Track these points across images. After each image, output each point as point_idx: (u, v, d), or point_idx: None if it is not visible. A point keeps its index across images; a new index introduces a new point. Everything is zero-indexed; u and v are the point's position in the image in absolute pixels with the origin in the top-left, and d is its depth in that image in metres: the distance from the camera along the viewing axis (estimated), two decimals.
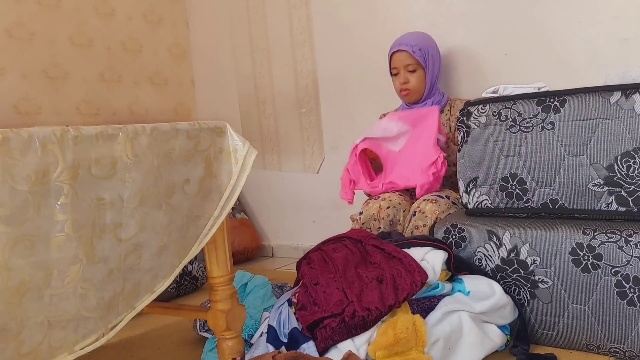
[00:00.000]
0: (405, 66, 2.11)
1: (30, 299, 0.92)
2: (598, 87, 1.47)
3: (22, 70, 2.50)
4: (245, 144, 1.28)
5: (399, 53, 2.11)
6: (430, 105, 2.12)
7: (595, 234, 1.42)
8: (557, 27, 2.13)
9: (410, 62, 2.10)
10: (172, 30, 3.18)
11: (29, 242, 0.90)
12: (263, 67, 3.00)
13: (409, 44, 2.10)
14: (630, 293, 1.37)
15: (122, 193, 1.04)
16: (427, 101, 2.15)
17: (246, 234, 2.99)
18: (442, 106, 2.16)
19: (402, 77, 2.12)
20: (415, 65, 2.10)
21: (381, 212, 1.89)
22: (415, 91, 2.13)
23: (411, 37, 2.13)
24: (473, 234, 1.61)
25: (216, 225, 1.26)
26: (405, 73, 2.12)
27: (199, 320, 1.74)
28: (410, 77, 2.12)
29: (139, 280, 1.12)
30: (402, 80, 2.13)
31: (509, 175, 1.59)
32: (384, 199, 1.92)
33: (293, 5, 2.83)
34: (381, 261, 1.47)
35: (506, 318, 1.50)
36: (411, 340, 1.31)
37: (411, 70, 2.11)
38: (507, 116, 1.58)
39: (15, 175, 0.87)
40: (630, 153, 1.41)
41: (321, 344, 1.35)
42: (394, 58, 2.14)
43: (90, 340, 1.03)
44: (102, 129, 1.01)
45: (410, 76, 2.12)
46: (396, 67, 2.14)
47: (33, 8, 2.54)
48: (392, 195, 1.94)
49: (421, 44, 2.11)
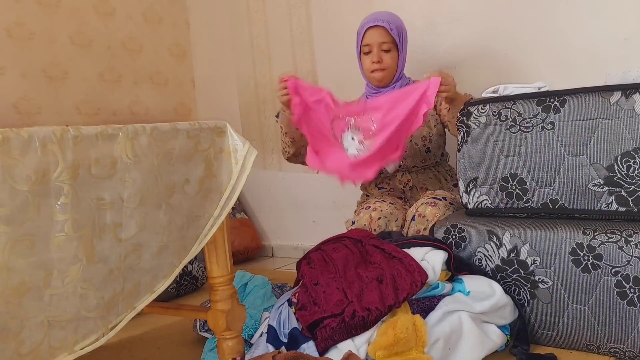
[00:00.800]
0: (379, 44, 1.95)
1: (30, 299, 0.92)
2: (598, 87, 1.47)
3: (22, 70, 2.50)
4: (246, 144, 1.28)
5: (375, 29, 1.94)
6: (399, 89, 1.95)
7: (595, 234, 1.42)
8: (557, 27, 2.13)
9: (386, 39, 1.95)
10: (172, 30, 3.18)
11: (29, 242, 0.90)
12: (263, 67, 3.00)
13: (385, 20, 1.94)
14: (630, 293, 1.37)
15: (122, 193, 1.04)
16: (396, 84, 2.02)
17: (246, 234, 2.99)
18: None
19: (376, 55, 1.95)
20: (391, 44, 1.95)
21: (372, 223, 1.85)
22: (388, 72, 1.98)
23: (385, 15, 1.98)
24: (473, 234, 1.61)
25: (216, 225, 1.26)
26: (378, 52, 1.96)
27: (199, 320, 1.74)
28: (384, 57, 1.96)
29: (139, 280, 1.12)
30: (375, 59, 1.96)
31: (509, 175, 1.59)
32: (374, 209, 1.88)
33: (293, 5, 2.83)
34: (381, 261, 1.47)
35: (506, 318, 1.50)
36: (411, 340, 1.31)
37: (386, 50, 1.96)
38: (507, 116, 1.58)
39: (15, 175, 0.87)
40: (630, 153, 1.41)
41: (321, 344, 1.35)
42: (368, 34, 1.96)
43: (90, 340, 1.03)
44: (102, 128, 1.01)
45: (384, 55, 1.96)
46: (369, 45, 1.96)
47: (33, 8, 2.53)
48: (382, 205, 1.89)
49: (396, 22, 1.97)
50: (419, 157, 2.03)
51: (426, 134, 2.03)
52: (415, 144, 2.02)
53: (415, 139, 2.01)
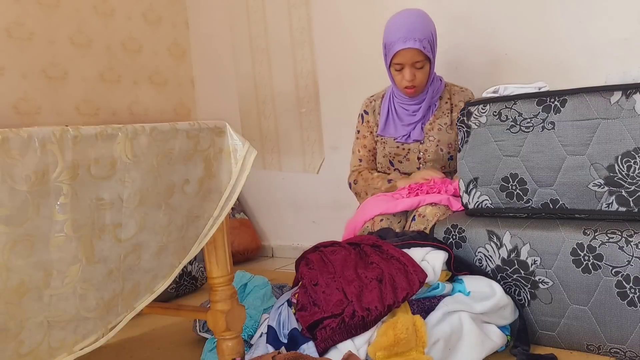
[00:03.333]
0: (413, 63, 1.91)
1: (30, 299, 0.92)
2: (598, 87, 1.47)
3: (21, 70, 2.50)
4: (245, 144, 1.28)
5: (407, 51, 1.88)
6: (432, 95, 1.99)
7: (595, 234, 1.41)
8: (557, 27, 2.13)
9: (419, 59, 1.90)
10: (171, 30, 3.18)
11: (29, 242, 0.90)
12: (263, 66, 2.99)
13: (416, 38, 1.87)
14: (630, 293, 1.37)
15: (122, 193, 1.04)
16: (429, 89, 2.00)
17: (246, 234, 2.98)
18: (441, 92, 2.04)
19: (409, 74, 1.92)
20: (424, 61, 1.92)
21: (375, 225, 1.85)
22: (420, 87, 1.97)
23: (416, 26, 1.89)
24: (473, 235, 1.61)
25: (216, 225, 1.25)
26: (412, 70, 1.92)
27: (199, 321, 1.74)
28: (417, 74, 1.93)
29: (139, 280, 1.12)
30: (408, 78, 1.92)
31: (509, 175, 1.59)
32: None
33: (293, 5, 2.83)
34: (379, 261, 1.47)
35: (506, 318, 1.50)
36: (411, 340, 1.31)
37: (419, 67, 1.92)
38: (508, 116, 1.58)
39: (14, 175, 0.87)
40: (631, 153, 1.40)
41: (321, 344, 1.35)
42: (401, 55, 1.90)
43: (89, 340, 1.03)
44: (101, 129, 1.01)
45: (417, 72, 1.93)
46: (401, 64, 1.92)
47: (33, 8, 2.53)
48: None
49: (426, 33, 1.91)
50: (440, 163, 2.02)
51: (452, 140, 2.01)
52: (440, 150, 2.01)
53: (441, 144, 2.00)
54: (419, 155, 2.02)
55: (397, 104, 2.07)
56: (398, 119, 2.06)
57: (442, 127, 2.01)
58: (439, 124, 2.02)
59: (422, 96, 2.02)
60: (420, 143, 2.02)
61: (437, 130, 2.01)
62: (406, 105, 2.05)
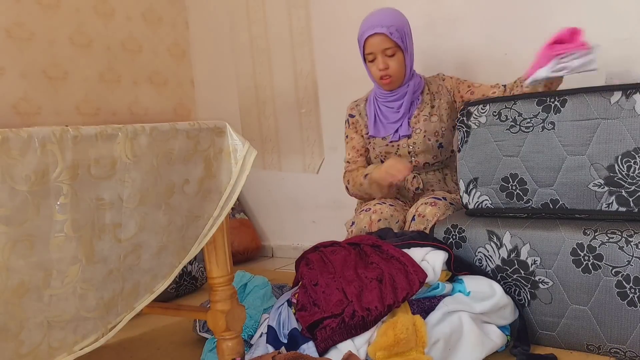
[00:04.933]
0: (382, 50, 1.92)
1: (30, 299, 0.92)
2: (598, 87, 1.47)
3: (21, 70, 2.50)
4: (245, 144, 1.28)
5: (374, 37, 1.91)
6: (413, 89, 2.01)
7: (595, 234, 1.41)
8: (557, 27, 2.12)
9: (388, 45, 1.91)
10: (171, 30, 3.18)
11: (29, 242, 0.90)
12: (263, 67, 2.99)
13: (383, 25, 1.90)
14: (630, 293, 1.37)
15: (122, 193, 1.04)
16: (410, 83, 2.01)
17: (246, 234, 2.98)
18: (422, 87, 2.05)
19: (381, 62, 1.93)
20: (394, 48, 1.92)
21: (372, 225, 1.85)
22: (396, 77, 1.96)
23: (384, 17, 1.93)
24: (473, 235, 1.61)
25: (216, 225, 1.25)
26: (383, 58, 1.93)
27: (199, 321, 1.74)
28: (390, 62, 1.93)
29: (139, 280, 1.12)
30: (381, 67, 1.93)
31: (509, 175, 1.59)
32: (374, 212, 1.87)
33: (293, 5, 2.83)
34: (379, 261, 1.47)
35: (506, 318, 1.50)
36: (411, 340, 1.31)
37: (390, 55, 1.93)
38: (508, 116, 1.58)
39: (14, 175, 0.87)
40: (631, 153, 1.40)
41: (321, 344, 1.35)
42: (369, 43, 1.93)
43: (89, 340, 1.03)
44: (101, 129, 1.01)
45: (389, 61, 1.93)
46: (372, 53, 1.94)
47: (33, 8, 2.53)
48: (382, 207, 1.88)
49: (396, 23, 1.92)
50: (431, 153, 2.03)
51: (439, 128, 2.02)
52: (428, 139, 2.01)
53: (428, 134, 2.01)
54: (409, 149, 2.02)
55: (381, 104, 2.08)
56: (384, 118, 2.07)
57: (426, 117, 2.02)
58: (423, 115, 2.02)
59: (403, 89, 2.02)
60: (408, 138, 2.02)
61: (422, 121, 2.02)
62: (389, 103, 2.05)
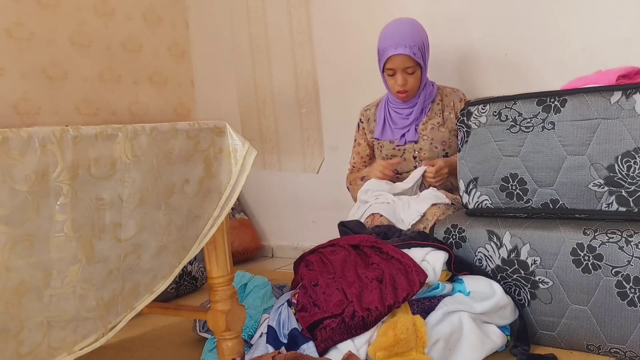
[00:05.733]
0: (404, 69, 2.00)
1: (30, 299, 0.92)
2: (598, 87, 1.47)
3: (21, 70, 2.50)
4: (245, 144, 1.28)
5: (398, 57, 1.98)
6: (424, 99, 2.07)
7: (595, 234, 1.41)
8: (557, 27, 2.13)
9: (410, 64, 1.99)
10: (171, 30, 3.18)
11: (29, 242, 0.90)
12: (263, 67, 2.99)
13: (407, 45, 1.97)
14: (630, 293, 1.37)
15: (122, 193, 1.04)
16: (422, 94, 2.08)
17: (246, 234, 2.98)
18: (434, 96, 2.11)
19: (400, 78, 2.01)
20: (415, 67, 2.00)
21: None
22: (412, 92, 2.05)
23: (407, 33, 1.99)
24: (473, 234, 1.61)
25: (216, 225, 1.25)
26: (403, 75, 2.01)
27: (199, 321, 1.74)
28: (408, 79, 2.02)
29: (139, 280, 1.12)
30: (400, 82, 2.01)
31: (509, 175, 1.59)
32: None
33: (293, 5, 2.83)
34: (379, 262, 1.47)
35: (506, 318, 1.50)
36: (411, 340, 1.31)
37: (410, 73, 2.01)
38: (508, 116, 1.58)
39: (14, 175, 0.87)
40: (631, 153, 1.40)
41: (321, 344, 1.35)
42: (392, 61, 2.00)
43: (89, 340, 1.03)
44: (101, 129, 1.01)
45: (408, 78, 2.01)
46: (393, 69, 2.01)
47: (33, 8, 2.53)
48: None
49: (417, 40, 1.99)
50: None
51: (446, 138, 2.06)
52: (435, 147, 2.05)
53: (435, 142, 2.05)
54: (414, 154, 2.06)
55: (392, 109, 2.14)
56: (393, 124, 2.13)
57: (434, 126, 2.06)
58: (432, 123, 2.07)
59: (415, 100, 2.09)
60: (415, 143, 2.07)
61: (430, 129, 2.06)
62: (399, 110, 2.12)
